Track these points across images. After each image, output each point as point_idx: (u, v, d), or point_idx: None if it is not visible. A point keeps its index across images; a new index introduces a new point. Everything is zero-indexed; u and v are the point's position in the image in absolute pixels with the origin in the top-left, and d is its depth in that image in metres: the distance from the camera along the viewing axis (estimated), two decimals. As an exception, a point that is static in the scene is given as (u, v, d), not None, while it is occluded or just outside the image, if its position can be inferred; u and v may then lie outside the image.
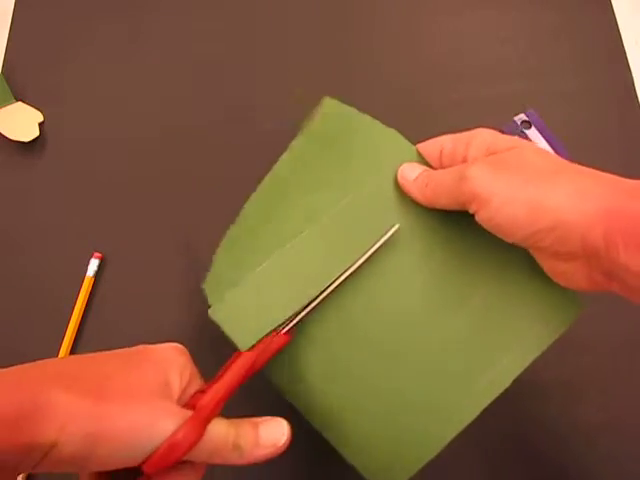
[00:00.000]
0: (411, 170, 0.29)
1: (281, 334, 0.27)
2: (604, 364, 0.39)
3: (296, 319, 0.27)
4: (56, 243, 0.43)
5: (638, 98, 0.47)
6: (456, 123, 0.31)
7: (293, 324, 0.27)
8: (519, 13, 0.51)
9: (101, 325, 0.41)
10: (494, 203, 0.24)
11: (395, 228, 0.28)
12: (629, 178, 0.24)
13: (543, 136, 0.45)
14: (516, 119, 0.46)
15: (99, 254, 0.42)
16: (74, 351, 0.40)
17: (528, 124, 0.46)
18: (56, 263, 0.43)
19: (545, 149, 0.26)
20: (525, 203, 0.24)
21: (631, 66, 0.48)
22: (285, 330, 0.27)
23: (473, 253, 0.29)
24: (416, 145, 0.30)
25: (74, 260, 0.42)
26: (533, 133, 0.45)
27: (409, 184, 0.29)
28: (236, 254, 0.30)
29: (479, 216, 0.25)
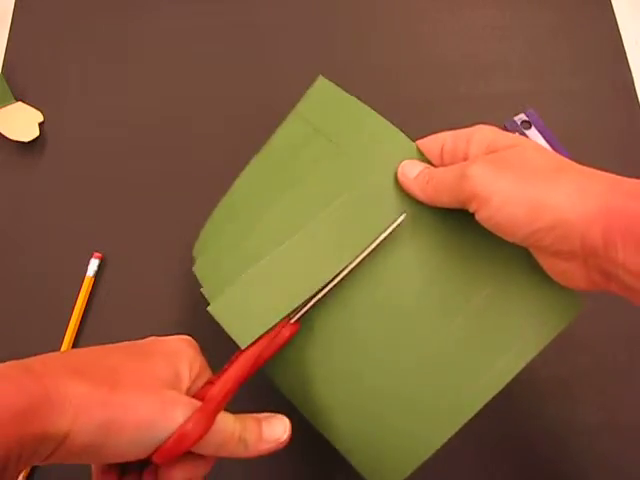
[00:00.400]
0: (412, 167, 0.29)
1: (289, 325, 0.27)
2: (603, 364, 0.39)
3: (302, 310, 0.27)
4: (56, 243, 0.43)
5: (638, 98, 0.47)
6: (455, 121, 0.31)
7: (301, 315, 0.27)
8: (519, 13, 0.51)
9: (101, 325, 0.41)
10: (494, 202, 0.24)
11: (401, 218, 0.28)
12: (629, 178, 0.24)
13: (543, 136, 0.45)
14: (516, 119, 0.46)
15: (99, 254, 0.42)
16: (74, 351, 0.40)
17: (528, 124, 0.46)
18: (56, 263, 0.43)
19: (545, 147, 0.26)
20: (525, 202, 0.24)
21: (631, 66, 0.48)
22: (293, 320, 0.27)
23: (473, 252, 0.29)
24: (416, 141, 0.30)
25: (74, 260, 0.42)
26: (533, 133, 0.45)
27: (409, 182, 0.29)
28: (227, 238, 0.31)
29: (479, 215, 0.25)
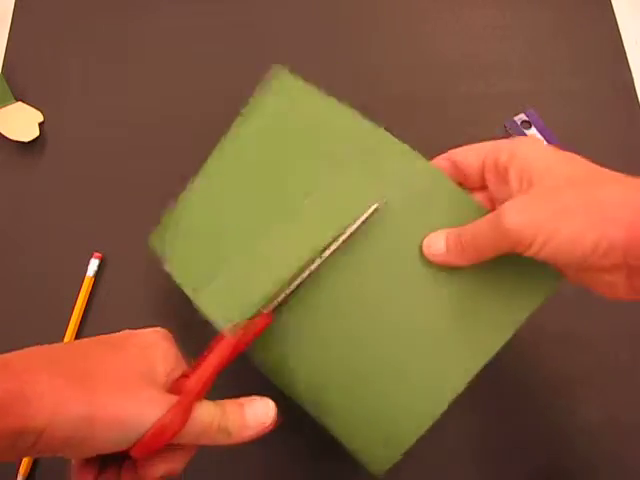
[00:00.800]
0: (436, 242, 0.29)
1: (264, 315, 0.27)
2: (605, 362, 0.39)
3: (278, 298, 0.28)
4: (56, 243, 0.43)
5: (638, 98, 0.47)
6: (455, 120, 0.31)
7: (275, 304, 0.27)
8: (519, 13, 0.51)
9: (101, 325, 0.41)
10: (537, 243, 0.24)
11: (374, 207, 0.29)
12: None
13: (543, 136, 0.45)
14: (516, 119, 0.46)
15: (99, 254, 0.42)
16: (74, 351, 0.40)
17: (528, 124, 0.46)
18: (56, 263, 0.43)
19: (583, 160, 0.27)
20: (565, 234, 0.24)
21: (631, 66, 0.48)
22: (268, 310, 0.27)
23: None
24: (449, 152, 0.30)
25: (74, 260, 0.42)
26: (533, 133, 0.45)
27: (443, 257, 0.28)
28: (200, 232, 0.32)
29: (525, 254, 0.25)
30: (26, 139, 0.45)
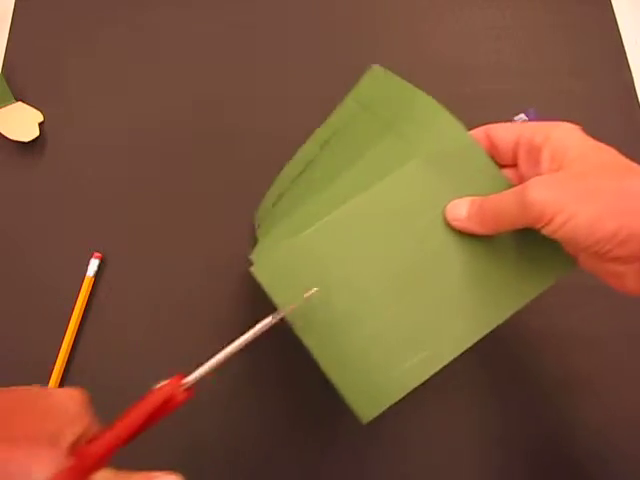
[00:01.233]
0: (459, 208, 0.29)
1: (184, 390, 0.25)
2: (605, 362, 0.39)
3: (199, 373, 0.25)
4: (56, 243, 0.43)
5: (638, 98, 0.47)
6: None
7: (195, 379, 0.25)
8: (519, 13, 0.51)
9: (101, 325, 0.41)
10: (557, 221, 0.24)
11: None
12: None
13: (543, 136, 0.45)
14: (516, 119, 0.46)
15: (99, 254, 0.42)
16: (74, 351, 0.40)
17: (528, 124, 0.46)
18: (56, 263, 0.43)
19: (615, 151, 0.27)
20: (585, 217, 0.24)
21: (631, 66, 0.48)
22: (188, 386, 0.25)
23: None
24: (484, 126, 0.31)
25: (74, 260, 0.42)
26: (533, 133, 0.45)
27: (464, 223, 0.29)
28: (281, 211, 0.33)
29: (542, 231, 0.26)
30: (26, 139, 0.45)
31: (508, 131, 0.29)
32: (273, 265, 0.28)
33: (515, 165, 0.30)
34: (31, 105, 0.47)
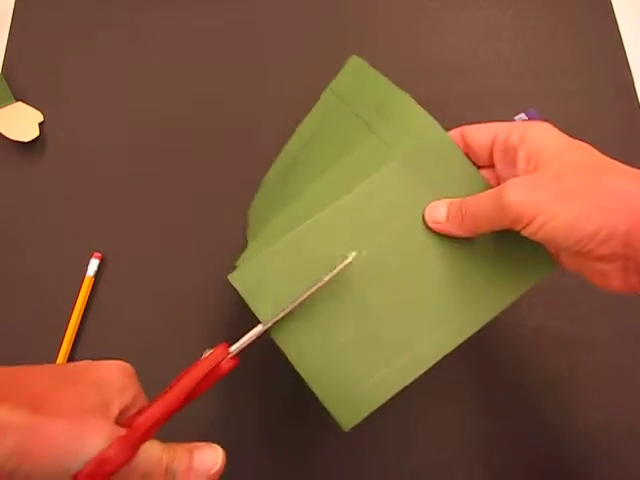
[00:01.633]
0: (437, 210, 0.29)
1: (228, 358, 0.26)
2: (605, 362, 0.39)
3: (245, 343, 0.26)
4: (56, 243, 0.43)
5: (638, 98, 0.47)
6: (455, 120, 0.31)
7: (241, 347, 0.26)
8: (519, 13, 0.51)
9: (101, 325, 0.41)
10: (536, 222, 0.24)
11: (349, 259, 0.28)
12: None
13: (543, 136, 0.45)
14: (516, 119, 0.46)
15: (99, 254, 0.42)
16: (74, 351, 0.40)
17: (528, 124, 0.46)
18: (56, 263, 0.43)
19: (593, 149, 0.27)
20: (565, 217, 0.24)
21: (631, 66, 0.48)
22: (234, 354, 0.26)
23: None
24: (460, 128, 0.30)
25: (74, 260, 0.42)
26: (533, 133, 0.45)
27: (443, 226, 0.29)
28: (263, 213, 0.32)
29: (522, 232, 0.26)
30: (26, 139, 0.45)
31: (483, 132, 0.29)
32: (250, 273, 0.28)
33: (492, 166, 0.30)
34: (31, 105, 0.47)
